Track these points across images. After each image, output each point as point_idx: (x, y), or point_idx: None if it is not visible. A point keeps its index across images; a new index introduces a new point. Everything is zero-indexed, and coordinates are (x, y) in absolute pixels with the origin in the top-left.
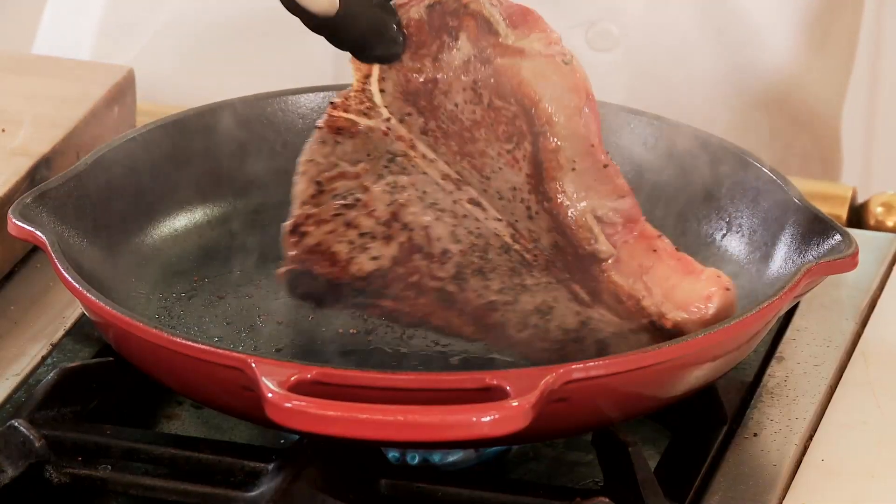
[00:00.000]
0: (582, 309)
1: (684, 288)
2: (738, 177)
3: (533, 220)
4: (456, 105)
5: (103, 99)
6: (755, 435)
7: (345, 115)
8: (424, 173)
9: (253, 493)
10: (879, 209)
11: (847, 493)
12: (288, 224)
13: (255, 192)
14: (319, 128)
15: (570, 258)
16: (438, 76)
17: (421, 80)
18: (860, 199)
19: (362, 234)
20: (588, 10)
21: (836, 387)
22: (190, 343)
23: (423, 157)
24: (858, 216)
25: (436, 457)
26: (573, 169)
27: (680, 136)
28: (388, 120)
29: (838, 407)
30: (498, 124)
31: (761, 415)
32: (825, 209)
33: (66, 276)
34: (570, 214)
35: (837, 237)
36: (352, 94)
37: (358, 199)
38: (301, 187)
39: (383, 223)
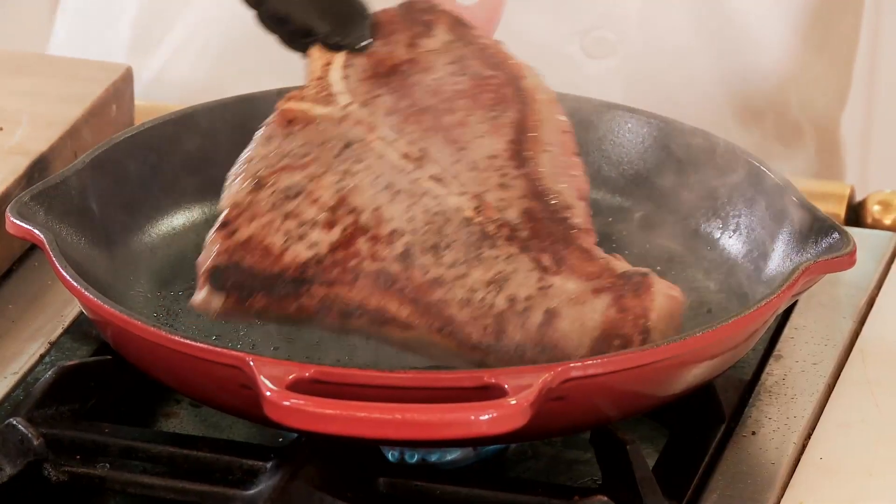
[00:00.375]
0: (543, 276)
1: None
2: (737, 175)
3: (506, 188)
4: (437, 78)
5: (101, 97)
6: (753, 433)
7: (299, 105)
8: (381, 157)
9: (251, 492)
10: (877, 207)
11: (845, 491)
12: (218, 223)
13: None
14: (266, 125)
15: (543, 222)
16: (416, 56)
17: (395, 61)
18: (858, 198)
19: (302, 224)
20: (584, 17)
21: (834, 385)
22: (188, 341)
23: (383, 139)
24: (856, 214)
25: (434, 455)
26: (545, 151)
27: (677, 135)
28: (347, 105)
29: (836, 405)
30: (484, 92)
31: (759, 413)
32: (823, 207)
33: (65, 274)
34: (548, 184)
35: (835, 235)
36: (310, 83)
37: (301, 190)
38: (236, 187)
39: (328, 210)
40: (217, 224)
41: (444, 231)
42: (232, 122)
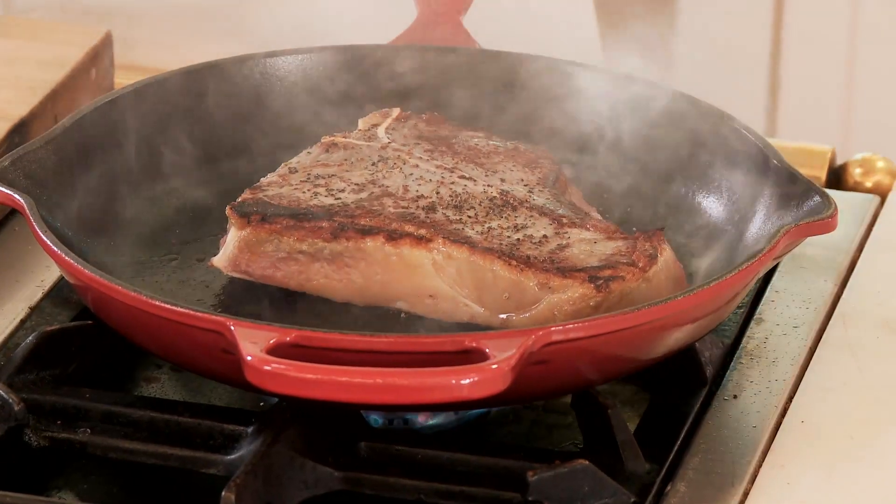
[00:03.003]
0: (560, 228)
1: None
2: (718, 138)
3: (532, 193)
4: (478, 142)
5: (81, 62)
6: (735, 397)
7: (344, 139)
8: (415, 166)
9: (232, 456)
10: (858, 170)
11: (827, 454)
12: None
13: (233, 155)
14: (309, 151)
15: (564, 206)
16: (459, 132)
17: (441, 134)
18: (839, 160)
19: (330, 189)
20: None
21: (815, 348)
22: (169, 306)
23: (419, 158)
24: (837, 177)
25: (416, 420)
26: (572, 194)
27: (656, 97)
28: (388, 143)
29: (818, 368)
30: (520, 156)
31: (741, 377)
32: (804, 170)
33: (45, 238)
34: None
35: (816, 198)
36: (354, 132)
37: (333, 174)
38: (269, 174)
39: (357, 184)
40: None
41: (469, 201)
42: (211, 86)
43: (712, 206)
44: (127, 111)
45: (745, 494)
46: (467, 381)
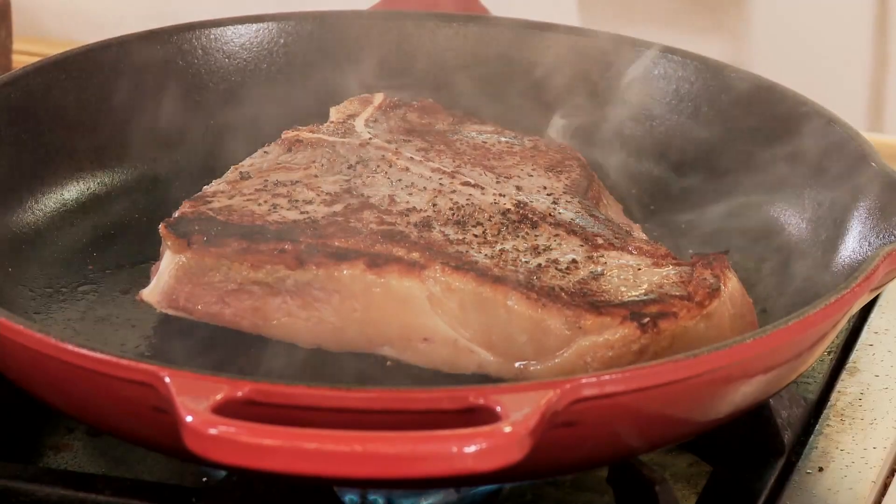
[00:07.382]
0: (594, 250)
1: None
2: (801, 134)
3: (557, 203)
4: (483, 140)
5: None
6: (820, 469)
7: (307, 134)
8: (405, 169)
9: None
10: None
11: None
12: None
13: (168, 152)
14: (266, 150)
15: (599, 221)
16: (460, 126)
17: (438, 127)
18: None
19: (294, 201)
20: None
21: None
22: (84, 351)
23: (410, 159)
24: None
25: (406, 500)
26: (606, 206)
27: (729, 83)
28: (369, 139)
29: None
30: (541, 157)
31: (829, 444)
32: None
33: None
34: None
35: None
36: (325, 124)
37: (298, 181)
38: (216, 181)
39: (329, 194)
40: (191, 198)
41: (474, 215)
42: (139, 64)
43: (792, 221)
44: (30, 96)
45: None
46: (472, 448)
